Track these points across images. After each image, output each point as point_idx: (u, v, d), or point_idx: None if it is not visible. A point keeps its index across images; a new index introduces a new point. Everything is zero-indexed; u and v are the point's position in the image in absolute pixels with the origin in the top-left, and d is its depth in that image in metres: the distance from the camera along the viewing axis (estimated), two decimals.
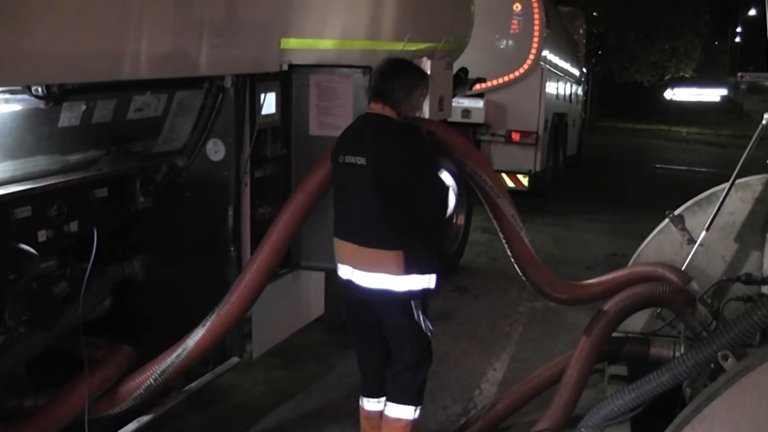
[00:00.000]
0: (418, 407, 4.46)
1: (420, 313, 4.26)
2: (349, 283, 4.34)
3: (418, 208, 4.21)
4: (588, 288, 5.63)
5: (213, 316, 4.43)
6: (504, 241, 5.22)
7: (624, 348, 5.57)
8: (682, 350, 5.04)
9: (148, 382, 4.33)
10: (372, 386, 4.59)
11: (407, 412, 4.42)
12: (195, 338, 4.40)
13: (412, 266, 4.18)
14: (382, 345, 4.49)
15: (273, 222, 4.66)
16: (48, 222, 3.90)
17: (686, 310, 5.18)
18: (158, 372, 4.35)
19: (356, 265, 4.28)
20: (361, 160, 4.19)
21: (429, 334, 4.34)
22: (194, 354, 4.41)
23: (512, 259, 5.25)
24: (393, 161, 4.18)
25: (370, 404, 4.60)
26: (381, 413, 4.52)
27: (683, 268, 5.55)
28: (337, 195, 4.46)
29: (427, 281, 4.25)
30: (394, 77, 4.33)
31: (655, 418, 3.92)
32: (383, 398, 4.52)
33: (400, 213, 4.18)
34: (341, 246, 4.36)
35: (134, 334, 4.77)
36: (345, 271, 4.35)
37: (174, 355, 4.38)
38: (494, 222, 5.17)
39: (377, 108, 4.32)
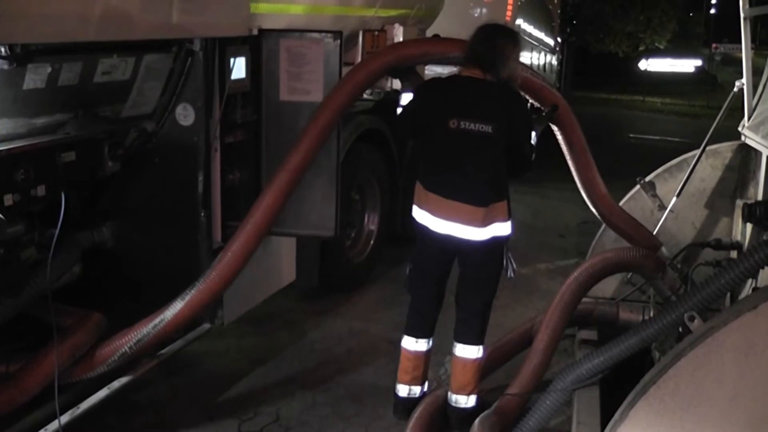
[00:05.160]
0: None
1: (509, 254, 4.67)
2: (447, 237, 4.52)
3: (516, 164, 4.59)
4: (616, 214, 5.65)
5: (193, 291, 4.44)
6: (570, 156, 5.44)
7: (594, 313, 5.61)
8: (652, 315, 5.09)
9: (123, 350, 4.35)
10: (426, 328, 4.87)
11: (480, 351, 4.79)
12: (173, 310, 4.40)
13: (510, 212, 4.61)
14: (442, 292, 4.87)
15: (256, 202, 4.64)
16: (14, 186, 3.84)
17: (656, 275, 5.22)
18: (133, 340, 4.36)
19: (467, 222, 4.47)
20: (485, 128, 4.42)
21: (513, 274, 4.71)
22: (171, 325, 4.43)
23: (574, 168, 5.54)
24: (517, 131, 4.52)
25: (419, 344, 4.86)
26: (425, 353, 4.88)
27: (654, 234, 5.58)
28: (438, 155, 4.58)
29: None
30: (494, 47, 4.51)
31: (626, 382, 3.96)
32: (430, 339, 4.89)
33: (505, 169, 4.56)
34: (444, 203, 4.51)
35: (105, 300, 4.74)
36: (443, 226, 4.52)
37: (150, 325, 4.38)
38: (566, 147, 5.33)
39: (477, 74, 4.51)
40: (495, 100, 4.51)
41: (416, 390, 4.89)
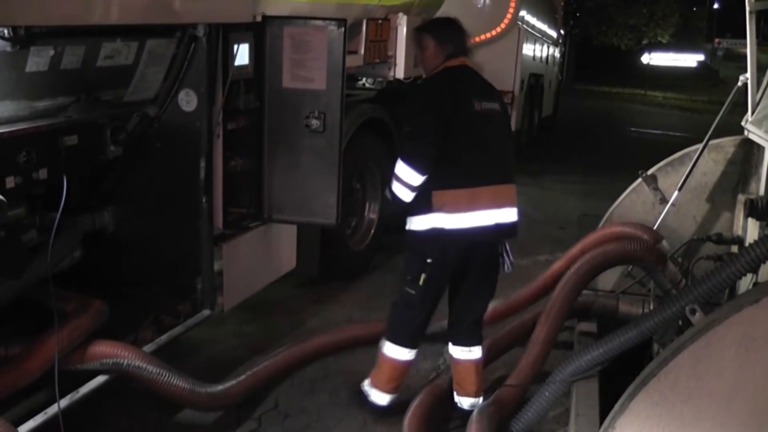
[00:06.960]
0: None
1: (507, 247, 4.61)
2: (496, 227, 4.44)
3: None
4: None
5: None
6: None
7: (594, 305, 5.61)
8: (652, 308, 5.09)
9: (122, 361, 4.24)
10: (418, 337, 4.78)
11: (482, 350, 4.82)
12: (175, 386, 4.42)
13: None
14: None
15: None
16: (16, 168, 3.83)
17: (657, 268, 5.22)
18: (135, 363, 4.26)
19: (504, 204, 4.48)
20: (495, 106, 4.58)
21: (510, 268, 4.60)
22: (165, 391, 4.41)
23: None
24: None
25: (410, 354, 4.76)
26: (412, 361, 4.81)
27: (655, 228, 5.57)
28: (467, 143, 4.42)
29: None
30: (466, 34, 4.73)
31: (625, 374, 3.96)
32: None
33: None
34: (482, 192, 4.42)
35: (105, 285, 4.73)
36: (494, 216, 4.43)
37: (158, 371, 4.33)
38: None
39: (465, 61, 4.64)
40: (484, 81, 4.68)
41: (395, 396, 4.85)
